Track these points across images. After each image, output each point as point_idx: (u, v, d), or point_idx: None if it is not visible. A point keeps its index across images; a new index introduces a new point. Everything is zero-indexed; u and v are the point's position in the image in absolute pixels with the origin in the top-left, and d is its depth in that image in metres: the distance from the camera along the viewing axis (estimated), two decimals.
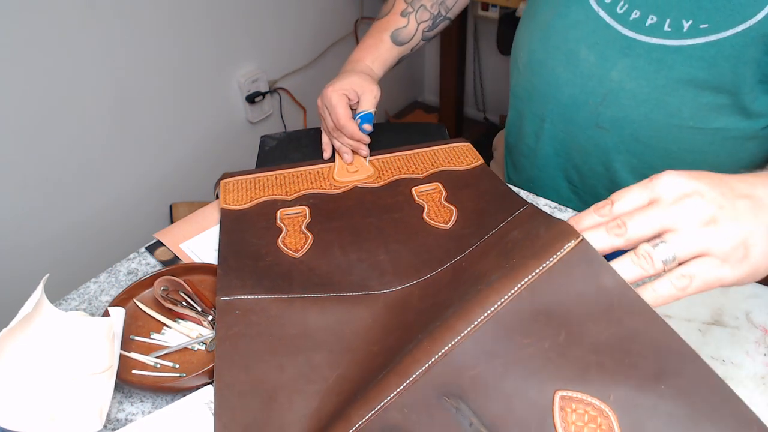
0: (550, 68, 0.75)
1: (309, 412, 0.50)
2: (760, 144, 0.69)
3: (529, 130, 0.84)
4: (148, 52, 1.44)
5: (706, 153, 0.69)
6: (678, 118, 0.67)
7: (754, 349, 0.56)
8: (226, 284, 0.61)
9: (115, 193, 1.51)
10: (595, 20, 0.69)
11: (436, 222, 0.69)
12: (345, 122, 0.78)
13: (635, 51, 0.67)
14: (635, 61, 0.67)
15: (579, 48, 0.71)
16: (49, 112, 1.29)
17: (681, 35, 0.63)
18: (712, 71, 0.63)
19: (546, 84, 0.76)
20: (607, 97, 0.70)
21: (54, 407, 0.51)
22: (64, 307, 0.67)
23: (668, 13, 0.64)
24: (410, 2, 0.87)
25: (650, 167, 0.73)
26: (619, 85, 0.69)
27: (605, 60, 0.69)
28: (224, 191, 0.77)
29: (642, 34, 0.66)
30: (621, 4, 0.67)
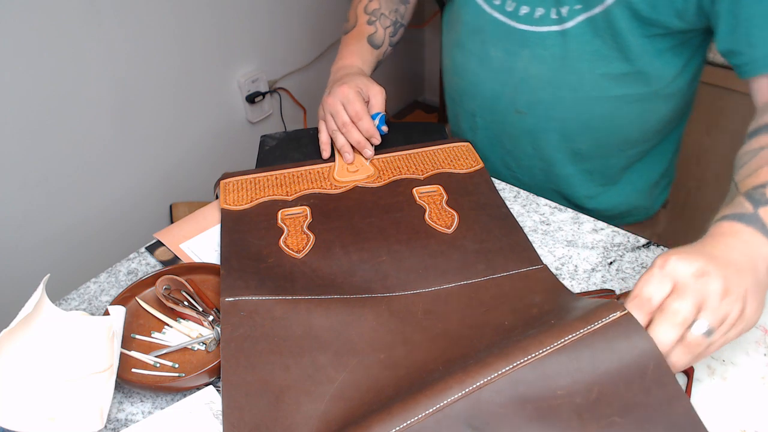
0: (469, 70, 0.85)
1: (316, 414, 0.51)
2: (665, 103, 0.78)
3: (466, 126, 0.93)
4: (148, 53, 1.44)
5: (616, 118, 0.78)
6: (581, 91, 0.76)
7: (754, 349, 0.56)
8: (229, 285, 0.61)
9: (115, 193, 1.51)
10: (492, 22, 0.79)
11: (438, 225, 0.70)
12: (364, 115, 0.78)
13: (532, 41, 0.76)
14: (533, 49, 0.76)
15: (487, 48, 0.81)
16: (49, 112, 1.29)
17: (564, 20, 0.72)
18: (597, 45, 0.72)
19: (469, 84, 0.86)
20: (518, 85, 0.80)
21: (54, 407, 0.51)
22: (64, 307, 0.67)
23: (550, 3, 0.73)
24: (371, 13, 0.91)
25: (571, 140, 0.82)
26: (525, 72, 0.78)
27: (509, 54, 0.78)
28: (224, 191, 0.77)
29: (533, 26, 0.75)
30: (509, 3, 0.76)
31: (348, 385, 0.53)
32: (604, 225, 0.73)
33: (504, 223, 0.70)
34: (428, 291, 0.63)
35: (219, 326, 0.60)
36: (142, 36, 1.41)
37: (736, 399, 0.52)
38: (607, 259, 0.68)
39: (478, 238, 0.68)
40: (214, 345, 0.59)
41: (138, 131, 1.51)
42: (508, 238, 0.68)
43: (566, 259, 0.68)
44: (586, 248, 0.70)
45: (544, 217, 0.75)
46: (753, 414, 0.51)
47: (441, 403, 0.46)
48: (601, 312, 0.47)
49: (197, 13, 1.50)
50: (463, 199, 0.74)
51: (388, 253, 0.66)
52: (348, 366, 0.55)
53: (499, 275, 0.64)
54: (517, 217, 0.74)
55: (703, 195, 1.50)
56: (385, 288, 0.63)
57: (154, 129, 1.55)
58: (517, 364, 0.46)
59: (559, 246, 0.70)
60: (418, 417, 0.45)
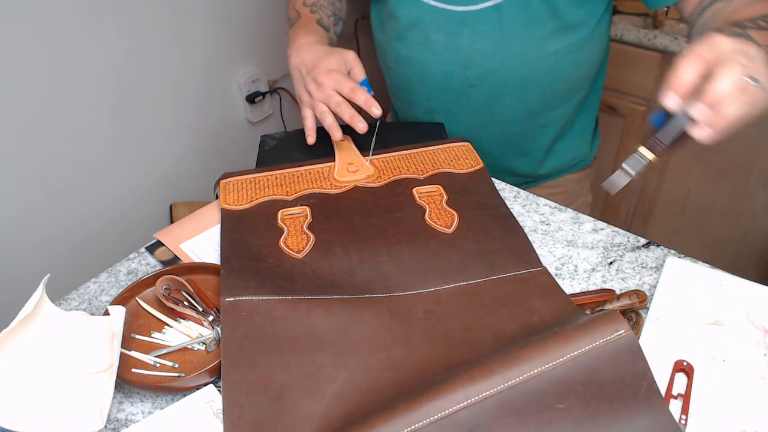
0: (415, 59, 0.89)
1: (316, 413, 0.51)
2: (593, 48, 0.88)
3: (420, 111, 0.97)
4: (148, 52, 1.44)
5: (557, 71, 0.86)
6: (524, 55, 0.83)
7: (754, 349, 0.56)
8: (230, 285, 0.61)
9: (115, 193, 1.51)
10: (430, 10, 0.83)
11: (438, 225, 0.70)
12: (358, 89, 0.76)
13: (470, 19, 0.82)
14: (473, 27, 0.82)
15: (429, 34, 0.85)
16: (48, 112, 1.29)
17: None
18: (529, 11, 0.80)
19: (417, 71, 0.90)
20: (466, 62, 0.85)
21: (54, 407, 0.51)
22: (64, 307, 0.67)
23: None
24: (311, 5, 0.92)
25: (523, 100, 0.89)
26: (471, 49, 0.84)
27: (452, 35, 0.84)
28: (224, 191, 0.77)
29: (469, 5, 0.81)
30: None
31: (348, 385, 0.53)
32: (604, 225, 0.73)
33: (504, 223, 0.70)
34: (428, 291, 0.63)
35: (219, 326, 0.60)
36: (142, 36, 1.41)
37: (736, 399, 0.52)
38: (607, 259, 0.68)
39: (478, 239, 0.68)
40: (214, 345, 0.59)
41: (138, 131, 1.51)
42: (508, 239, 0.68)
43: (566, 259, 0.68)
44: (586, 248, 0.70)
45: (544, 217, 0.75)
46: (753, 414, 0.51)
47: (446, 410, 0.46)
48: (604, 327, 0.49)
49: (197, 13, 1.50)
50: (463, 199, 0.74)
51: (388, 253, 0.66)
52: (348, 366, 0.55)
53: (499, 276, 0.64)
54: (517, 217, 0.74)
55: (703, 194, 1.50)
56: (385, 288, 0.63)
57: (154, 129, 1.55)
58: (523, 377, 0.47)
59: (559, 246, 0.70)
60: (423, 423, 0.46)
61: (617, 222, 1.68)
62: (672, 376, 0.53)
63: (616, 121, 1.54)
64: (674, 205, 1.57)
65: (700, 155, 1.45)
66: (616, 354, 0.49)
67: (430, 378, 0.52)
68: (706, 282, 0.62)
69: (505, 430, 0.46)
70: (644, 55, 1.41)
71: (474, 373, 0.48)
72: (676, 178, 1.52)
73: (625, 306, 0.60)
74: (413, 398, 0.48)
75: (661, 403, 0.48)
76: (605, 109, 1.54)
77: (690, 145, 0.56)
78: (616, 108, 1.52)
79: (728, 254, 1.55)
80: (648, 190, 1.59)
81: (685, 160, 1.48)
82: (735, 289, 0.62)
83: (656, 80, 1.42)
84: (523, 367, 0.48)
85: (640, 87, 1.45)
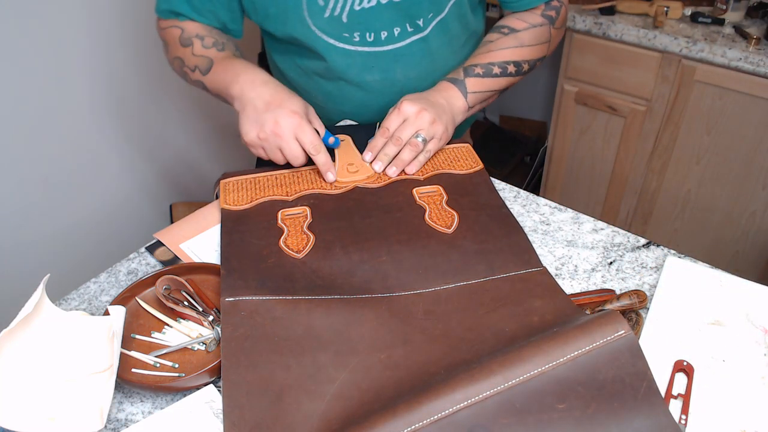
0: (352, 97, 0.92)
1: (316, 413, 0.51)
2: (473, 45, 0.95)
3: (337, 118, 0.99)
4: (148, 52, 1.44)
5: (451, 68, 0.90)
6: (447, 68, 0.90)
7: (754, 349, 0.56)
8: (230, 285, 0.61)
9: (115, 193, 1.51)
10: (362, 55, 0.86)
11: (438, 225, 0.70)
12: (321, 148, 0.74)
13: (401, 55, 0.87)
14: (405, 61, 0.88)
15: (364, 76, 0.89)
16: (49, 112, 1.29)
17: (421, 29, 0.86)
18: (450, 34, 0.89)
19: (356, 107, 0.93)
20: (401, 91, 0.86)
21: (54, 407, 0.51)
22: (64, 307, 0.67)
23: (404, 20, 0.84)
24: (213, 45, 0.85)
25: None
26: (405, 79, 0.90)
27: (386, 72, 0.89)
28: (224, 191, 0.77)
29: (397, 43, 0.86)
30: (368, 35, 0.84)
31: (348, 385, 0.53)
32: (604, 225, 0.73)
33: (504, 224, 0.70)
34: (428, 291, 0.63)
35: (219, 326, 0.60)
36: (142, 35, 1.41)
37: (736, 399, 0.52)
38: (607, 259, 0.68)
39: (477, 239, 0.68)
40: (214, 345, 0.59)
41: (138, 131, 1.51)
42: (508, 239, 0.68)
43: (566, 259, 0.68)
44: (586, 248, 0.70)
45: (544, 217, 0.75)
46: (753, 414, 0.51)
47: (446, 410, 0.46)
48: (604, 328, 0.50)
49: None
50: (463, 200, 0.74)
51: (388, 253, 0.66)
52: (348, 366, 0.55)
53: (499, 276, 0.64)
54: (517, 217, 0.74)
55: (704, 194, 1.50)
56: (385, 288, 0.63)
57: (154, 129, 1.55)
58: (524, 377, 0.48)
59: (559, 246, 0.70)
60: (423, 423, 0.46)
61: (617, 222, 1.68)
62: (672, 376, 0.53)
63: (616, 121, 1.54)
64: (674, 205, 1.57)
65: (700, 155, 1.45)
66: (616, 354, 0.49)
67: (430, 378, 0.52)
68: (706, 282, 0.62)
69: (505, 430, 0.46)
70: (644, 55, 1.41)
71: (474, 373, 0.48)
72: (676, 178, 1.52)
73: (625, 306, 0.60)
74: (413, 398, 0.48)
75: (661, 403, 0.48)
76: (605, 108, 1.54)
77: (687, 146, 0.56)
78: (616, 108, 1.52)
79: (728, 254, 1.55)
80: (648, 190, 1.59)
81: (685, 160, 1.48)
82: (735, 289, 0.62)
83: (656, 80, 1.42)
84: (523, 367, 0.48)
85: (640, 87, 1.46)
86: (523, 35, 0.86)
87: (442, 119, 0.78)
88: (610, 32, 1.42)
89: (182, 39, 0.85)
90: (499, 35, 0.87)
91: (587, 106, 1.57)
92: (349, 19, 0.82)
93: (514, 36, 0.86)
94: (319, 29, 0.83)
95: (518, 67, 0.86)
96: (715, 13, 1.39)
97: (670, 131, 1.46)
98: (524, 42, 0.86)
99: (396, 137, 0.76)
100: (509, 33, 0.86)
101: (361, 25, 0.83)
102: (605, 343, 0.49)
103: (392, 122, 0.77)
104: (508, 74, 0.85)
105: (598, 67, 1.49)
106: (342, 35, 0.84)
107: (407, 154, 0.76)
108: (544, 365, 0.48)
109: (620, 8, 1.44)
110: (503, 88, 0.87)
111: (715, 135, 1.40)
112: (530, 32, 0.87)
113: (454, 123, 0.82)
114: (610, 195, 1.67)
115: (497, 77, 0.84)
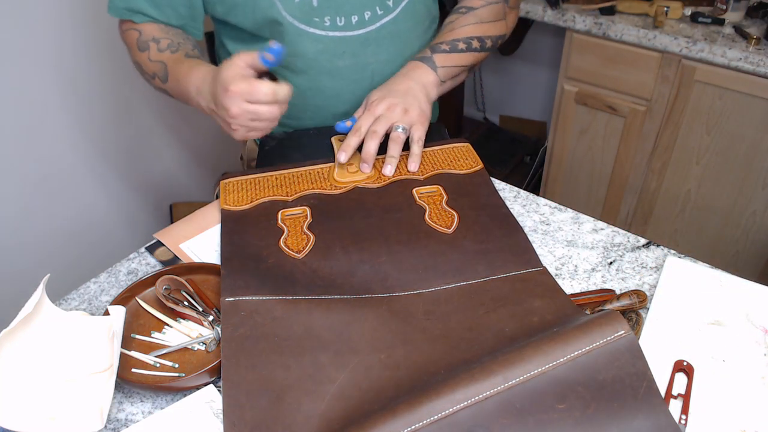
0: (323, 88, 0.89)
1: (316, 413, 0.51)
2: (434, 31, 0.96)
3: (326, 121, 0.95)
4: None
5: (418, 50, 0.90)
6: (414, 49, 0.91)
7: (754, 349, 0.56)
8: (230, 285, 0.61)
9: (115, 193, 1.51)
10: (333, 40, 0.85)
11: (438, 225, 0.70)
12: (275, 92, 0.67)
13: (371, 38, 0.86)
14: (375, 44, 0.87)
15: (335, 62, 0.87)
16: (49, 112, 1.29)
17: (391, 10, 0.86)
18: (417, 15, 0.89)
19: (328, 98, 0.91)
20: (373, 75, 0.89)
21: (54, 407, 0.51)
22: (64, 307, 0.67)
23: (374, 3, 0.84)
24: (167, 48, 0.82)
25: None
26: (376, 61, 0.88)
27: (357, 56, 0.87)
28: (224, 192, 0.77)
29: (368, 27, 0.85)
30: (338, 20, 0.83)
31: (348, 385, 0.53)
32: (604, 225, 0.73)
33: (504, 224, 0.70)
34: (428, 291, 0.63)
35: (219, 326, 0.60)
36: None
37: (736, 399, 0.52)
38: (607, 259, 0.68)
39: (478, 239, 0.68)
40: (214, 345, 0.59)
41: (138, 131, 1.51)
42: (508, 239, 0.68)
43: (566, 259, 0.68)
44: (586, 248, 0.70)
45: (544, 217, 0.75)
46: (753, 414, 0.51)
47: (447, 410, 0.46)
48: (604, 328, 0.50)
49: None
50: (463, 200, 0.74)
51: (388, 253, 0.66)
52: (348, 366, 0.55)
53: (499, 276, 0.64)
54: (517, 217, 0.74)
55: (704, 194, 1.50)
56: (385, 288, 0.63)
57: (155, 129, 1.55)
58: (524, 378, 0.48)
59: (559, 246, 0.70)
60: (423, 423, 0.46)
61: (617, 222, 1.68)
62: (672, 376, 0.53)
63: (616, 121, 1.54)
64: (674, 205, 1.57)
65: (700, 155, 1.45)
66: (616, 354, 0.49)
67: (430, 378, 0.52)
68: (706, 282, 0.62)
69: (505, 430, 0.46)
70: (644, 55, 1.41)
71: (474, 373, 0.48)
72: (676, 178, 1.52)
73: (625, 306, 0.60)
74: (413, 398, 0.48)
75: (660, 404, 0.48)
76: (605, 108, 1.54)
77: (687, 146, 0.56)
78: (616, 108, 1.52)
79: (728, 254, 1.55)
80: (648, 190, 1.59)
81: (685, 160, 1.48)
82: (735, 289, 0.62)
83: (656, 80, 1.42)
84: (523, 368, 0.48)
85: (640, 87, 1.46)
86: (480, 12, 0.89)
87: (413, 105, 0.79)
88: (610, 32, 1.42)
89: (139, 42, 0.83)
90: (458, 15, 0.90)
91: (587, 106, 1.57)
92: (319, 3, 0.81)
93: (472, 14, 0.89)
94: (289, 14, 0.81)
95: (482, 42, 0.88)
96: (715, 13, 1.39)
97: (670, 131, 1.46)
98: (483, 18, 0.89)
99: (371, 131, 0.76)
100: (467, 12, 0.89)
101: (331, 9, 0.82)
102: (605, 344, 0.49)
103: (364, 122, 0.78)
104: (473, 49, 0.87)
105: (598, 67, 1.49)
106: (312, 20, 0.82)
107: (394, 149, 0.77)
108: (544, 365, 0.48)
109: (620, 8, 1.44)
110: (471, 65, 0.89)
111: (715, 135, 1.40)
112: (487, 9, 0.90)
113: (428, 100, 0.82)
114: (610, 195, 1.67)
115: (463, 52, 0.86)
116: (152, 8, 0.82)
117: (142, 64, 0.83)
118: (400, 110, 0.78)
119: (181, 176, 1.67)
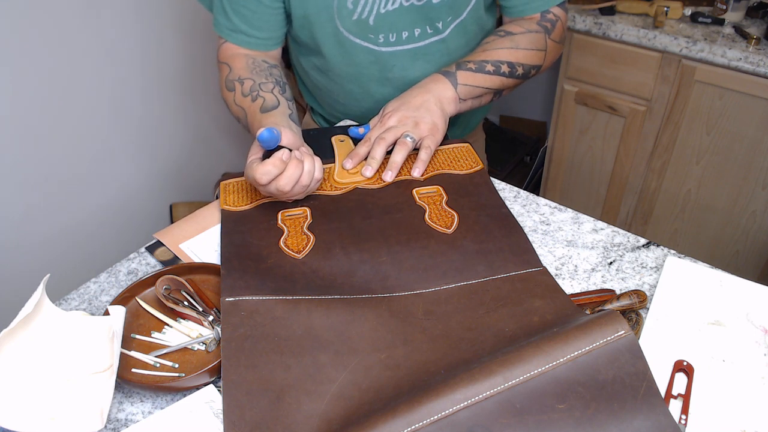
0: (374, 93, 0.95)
1: (316, 413, 0.51)
2: None
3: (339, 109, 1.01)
4: (148, 52, 1.44)
5: None
6: None
7: (754, 349, 0.56)
8: (230, 285, 0.61)
9: (115, 193, 1.51)
10: (387, 54, 0.90)
11: (438, 226, 0.70)
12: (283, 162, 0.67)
13: (420, 54, 0.91)
14: (424, 57, 0.91)
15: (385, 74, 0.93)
16: (49, 112, 1.29)
17: (440, 31, 0.90)
18: (468, 35, 0.92)
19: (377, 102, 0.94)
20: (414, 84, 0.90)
21: (54, 407, 0.51)
22: (64, 307, 0.67)
23: (424, 22, 0.88)
24: (249, 93, 0.83)
25: None
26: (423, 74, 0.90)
27: (405, 70, 0.92)
28: (224, 192, 0.77)
29: (418, 42, 0.90)
30: (390, 36, 0.88)
31: (348, 385, 0.53)
32: (604, 225, 0.73)
33: (504, 224, 0.70)
34: (428, 291, 0.63)
35: (219, 326, 0.60)
36: (142, 35, 1.41)
37: (736, 399, 0.52)
38: (607, 259, 0.68)
39: (478, 239, 0.68)
40: (214, 345, 0.59)
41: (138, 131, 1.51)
42: (508, 239, 0.68)
43: (566, 259, 0.68)
44: (586, 248, 0.70)
45: (544, 217, 0.75)
46: (753, 414, 0.51)
47: (446, 410, 0.46)
48: (604, 328, 0.50)
49: (197, 12, 1.50)
50: (463, 200, 0.74)
51: (388, 253, 0.66)
52: (348, 366, 0.55)
53: (499, 276, 0.64)
54: (517, 217, 0.74)
55: (704, 195, 1.50)
56: (385, 288, 0.63)
57: (154, 129, 1.55)
58: (524, 378, 0.48)
59: (559, 246, 0.70)
60: (423, 423, 0.46)
61: (617, 222, 1.68)
62: (672, 376, 0.53)
63: (616, 121, 1.54)
64: (674, 205, 1.57)
65: (700, 155, 1.45)
66: (616, 354, 0.49)
67: (430, 378, 0.52)
68: (706, 282, 0.62)
69: (506, 430, 0.46)
70: (644, 55, 1.41)
71: (474, 373, 0.48)
72: (676, 178, 1.52)
73: (625, 306, 0.60)
74: (413, 398, 0.48)
75: (660, 404, 0.48)
76: (605, 108, 1.54)
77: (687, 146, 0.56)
78: (616, 108, 1.52)
79: (728, 254, 1.55)
80: (648, 190, 1.59)
81: (685, 160, 1.48)
82: (735, 289, 0.62)
83: (656, 80, 1.42)
84: (523, 368, 0.48)
85: (640, 87, 1.46)
86: (518, 38, 0.88)
87: (425, 118, 0.80)
88: (610, 32, 1.42)
89: (227, 82, 0.87)
90: (495, 37, 0.90)
91: (587, 106, 1.57)
92: (375, 22, 0.86)
93: (510, 38, 0.89)
94: (346, 30, 0.87)
95: (512, 68, 0.88)
96: (715, 13, 1.39)
97: (670, 131, 1.46)
98: (519, 44, 0.88)
99: (380, 138, 0.78)
100: (505, 35, 0.89)
101: (385, 27, 0.87)
102: (605, 344, 0.49)
103: (375, 135, 0.80)
104: (501, 73, 0.87)
105: (598, 67, 1.49)
106: (368, 36, 0.88)
107: (398, 155, 0.77)
108: (544, 365, 0.48)
109: (620, 8, 1.44)
110: (497, 89, 0.88)
111: (715, 135, 1.40)
112: (526, 36, 0.89)
113: (443, 114, 0.82)
114: (610, 195, 1.67)
115: (489, 74, 0.86)
116: (251, 29, 0.90)
117: (229, 105, 0.89)
118: (412, 123, 0.80)
119: (181, 176, 1.67)
